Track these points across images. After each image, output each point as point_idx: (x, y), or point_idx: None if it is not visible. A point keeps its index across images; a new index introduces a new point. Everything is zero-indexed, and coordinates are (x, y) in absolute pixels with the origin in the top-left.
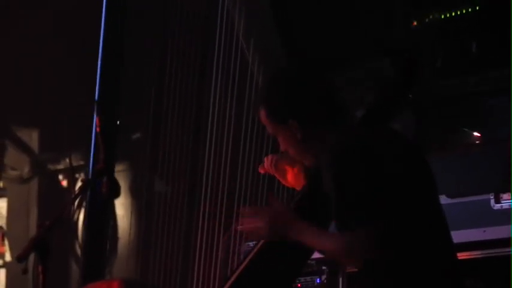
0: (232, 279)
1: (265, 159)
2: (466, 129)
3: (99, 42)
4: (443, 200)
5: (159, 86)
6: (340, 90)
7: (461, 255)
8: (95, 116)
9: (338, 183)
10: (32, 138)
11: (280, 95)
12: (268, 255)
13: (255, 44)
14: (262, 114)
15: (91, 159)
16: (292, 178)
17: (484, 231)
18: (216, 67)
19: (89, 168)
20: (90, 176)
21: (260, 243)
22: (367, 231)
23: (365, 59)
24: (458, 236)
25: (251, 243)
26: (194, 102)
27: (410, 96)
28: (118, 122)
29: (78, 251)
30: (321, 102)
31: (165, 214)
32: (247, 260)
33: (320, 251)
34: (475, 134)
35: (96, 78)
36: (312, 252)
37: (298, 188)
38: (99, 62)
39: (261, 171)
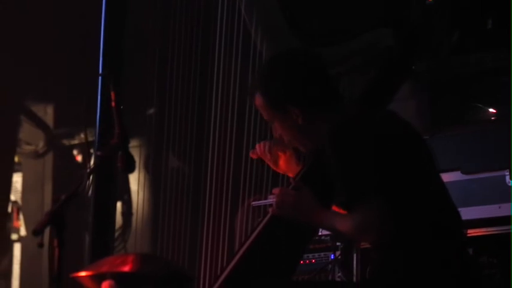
0: (241, 252)
1: (257, 145)
2: (481, 105)
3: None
4: (459, 176)
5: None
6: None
7: (477, 232)
8: (99, 89)
9: (342, 163)
10: (47, 113)
11: (280, 79)
12: (274, 229)
13: (257, 17)
14: (259, 100)
15: (96, 134)
16: (284, 164)
17: (499, 207)
18: (218, 41)
19: (96, 143)
20: (97, 151)
21: (267, 217)
22: (376, 205)
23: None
24: (473, 212)
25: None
26: (198, 78)
27: (413, 68)
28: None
29: None
30: (321, 84)
31: (178, 189)
32: (256, 232)
33: (337, 232)
34: (491, 110)
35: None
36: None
37: (289, 174)
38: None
39: (253, 156)
